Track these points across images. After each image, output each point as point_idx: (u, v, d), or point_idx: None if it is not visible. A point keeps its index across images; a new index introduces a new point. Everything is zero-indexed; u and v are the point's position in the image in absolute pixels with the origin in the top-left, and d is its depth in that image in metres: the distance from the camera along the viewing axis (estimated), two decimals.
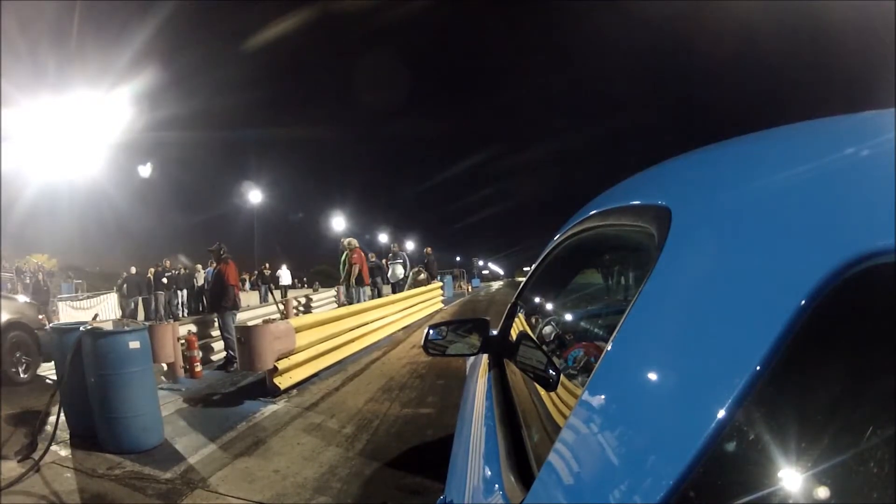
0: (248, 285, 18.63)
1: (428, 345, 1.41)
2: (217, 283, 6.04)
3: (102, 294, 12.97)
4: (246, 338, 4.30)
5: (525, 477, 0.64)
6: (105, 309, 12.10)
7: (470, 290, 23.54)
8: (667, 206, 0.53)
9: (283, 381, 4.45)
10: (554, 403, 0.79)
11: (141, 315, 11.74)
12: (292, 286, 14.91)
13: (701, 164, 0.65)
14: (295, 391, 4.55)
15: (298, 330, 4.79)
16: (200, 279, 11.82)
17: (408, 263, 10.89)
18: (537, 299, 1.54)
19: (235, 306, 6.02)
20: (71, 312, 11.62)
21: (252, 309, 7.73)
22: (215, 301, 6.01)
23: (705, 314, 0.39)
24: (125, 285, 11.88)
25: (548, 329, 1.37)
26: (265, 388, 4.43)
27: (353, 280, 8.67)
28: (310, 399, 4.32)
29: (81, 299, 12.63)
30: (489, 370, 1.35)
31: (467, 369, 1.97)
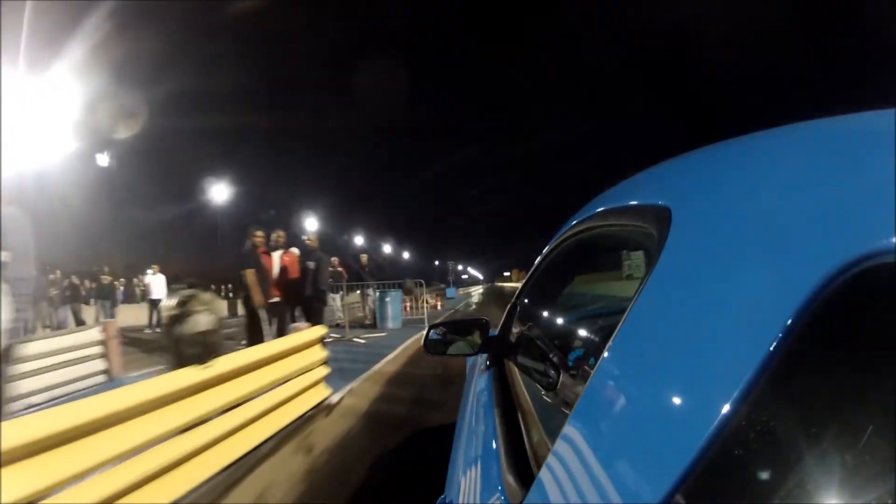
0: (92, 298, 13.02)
1: (428, 344, 1.43)
2: None
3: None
4: None
5: (525, 477, 0.64)
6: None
7: (440, 306, 15.60)
8: (667, 206, 0.53)
9: None
10: (554, 404, 0.79)
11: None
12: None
13: (701, 164, 0.65)
14: None
15: None
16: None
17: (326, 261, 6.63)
18: (537, 299, 1.54)
19: None
20: None
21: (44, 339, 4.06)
22: None
23: (705, 315, 0.39)
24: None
25: (547, 329, 1.37)
26: None
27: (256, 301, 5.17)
28: None
29: None
30: (489, 370, 1.36)
31: (467, 369, 1.98)
